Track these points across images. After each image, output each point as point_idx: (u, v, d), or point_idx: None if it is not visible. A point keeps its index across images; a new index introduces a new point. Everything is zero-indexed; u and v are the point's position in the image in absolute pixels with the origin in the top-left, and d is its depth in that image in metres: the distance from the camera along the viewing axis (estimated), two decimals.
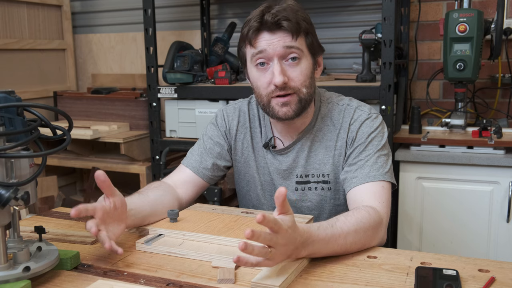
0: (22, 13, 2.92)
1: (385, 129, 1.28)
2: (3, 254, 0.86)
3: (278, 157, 1.33)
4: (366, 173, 1.19)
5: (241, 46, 1.25)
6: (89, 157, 2.90)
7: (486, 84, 2.38)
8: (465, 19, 1.98)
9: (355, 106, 1.29)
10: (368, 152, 1.23)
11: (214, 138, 1.39)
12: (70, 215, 0.93)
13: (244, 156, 1.38)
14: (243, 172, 1.39)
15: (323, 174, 1.29)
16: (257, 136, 1.37)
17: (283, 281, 0.85)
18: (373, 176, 1.18)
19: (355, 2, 2.58)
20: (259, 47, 1.18)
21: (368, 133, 1.25)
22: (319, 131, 1.30)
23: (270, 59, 1.18)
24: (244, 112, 1.39)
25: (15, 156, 0.85)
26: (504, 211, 1.92)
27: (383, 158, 1.22)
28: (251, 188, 1.39)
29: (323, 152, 1.29)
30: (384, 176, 1.19)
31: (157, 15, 2.48)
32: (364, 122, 1.26)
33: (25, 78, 2.96)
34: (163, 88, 2.42)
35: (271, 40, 1.17)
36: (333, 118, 1.29)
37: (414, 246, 2.07)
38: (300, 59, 1.19)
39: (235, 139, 1.38)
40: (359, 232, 1.02)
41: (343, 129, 1.27)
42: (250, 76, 1.26)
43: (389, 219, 1.18)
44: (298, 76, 1.19)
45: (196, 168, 1.36)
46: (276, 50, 1.17)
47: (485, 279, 0.88)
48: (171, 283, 0.89)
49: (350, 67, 2.52)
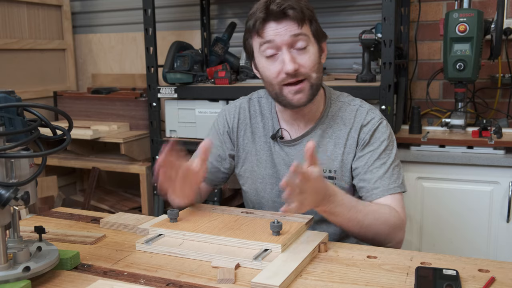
0: (22, 13, 2.92)
1: (392, 133, 1.32)
2: (3, 254, 0.86)
3: (285, 148, 1.34)
4: (386, 185, 1.24)
5: (247, 38, 1.27)
6: (89, 157, 2.90)
7: (486, 84, 2.38)
8: (465, 19, 1.98)
9: (367, 108, 1.32)
10: (383, 161, 1.26)
11: (214, 142, 1.41)
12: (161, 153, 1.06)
13: (245, 151, 1.39)
14: (244, 168, 1.40)
15: (330, 170, 1.30)
16: (259, 131, 1.38)
17: (283, 281, 0.85)
18: (393, 188, 1.24)
19: (355, 2, 2.58)
20: (267, 37, 1.20)
21: (381, 140, 1.28)
22: (329, 128, 1.32)
23: (279, 48, 1.21)
24: (244, 109, 1.40)
25: (15, 156, 0.85)
26: (504, 211, 1.92)
27: (398, 169, 1.28)
28: (250, 183, 1.40)
29: (332, 149, 1.30)
30: (401, 187, 1.26)
31: (157, 15, 2.48)
32: (377, 128, 1.29)
33: (25, 78, 2.96)
34: (163, 88, 2.42)
35: (278, 29, 1.20)
36: (344, 117, 1.32)
37: (414, 246, 2.07)
38: (307, 46, 1.22)
39: (237, 137, 1.40)
40: (379, 219, 1.15)
41: (354, 128, 1.29)
42: (259, 67, 1.28)
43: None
44: (308, 61, 1.21)
45: (210, 163, 1.38)
46: (284, 39, 1.19)
47: (485, 279, 0.88)
48: (171, 283, 0.89)
49: (350, 67, 2.52)
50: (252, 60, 1.31)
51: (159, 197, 2.47)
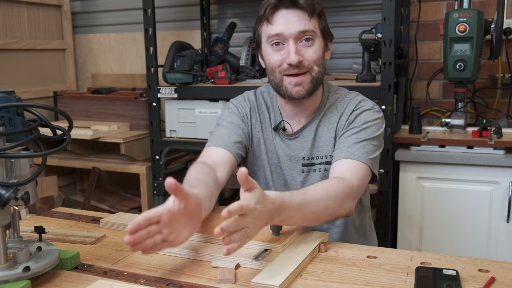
0: (22, 13, 2.92)
1: (382, 124, 1.32)
2: (3, 254, 0.86)
3: (286, 141, 1.36)
4: (352, 152, 1.23)
5: (258, 27, 1.30)
6: (89, 157, 2.90)
7: (486, 84, 2.38)
8: (465, 19, 1.98)
9: (361, 98, 1.35)
10: (359, 136, 1.26)
11: (234, 122, 1.37)
12: (128, 231, 0.83)
13: (256, 139, 1.40)
14: (256, 156, 1.41)
15: (326, 156, 1.33)
16: (266, 121, 1.40)
17: (283, 281, 0.85)
18: (357, 156, 1.22)
19: (355, 2, 2.58)
20: (276, 24, 1.23)
21: (365, 121, 1.29)
22: (324, 116, 1.35)
23: (286, 39, 1.23)
24: (252, 101, 1.42)
25: (15, 156, 0.85)
26: (504, 211, 1.92)
27: (372, 147, 1.26)
28: (261, 172, 1.41)
29: (325, 134, 1.33)
30: (368, 161, 1.23)
31: (157, 15, 2.48)
32: (365, 111, 1.30)
33: (25, 78, 2.95)
34: (163, 88, 2.42)
35: (288, 17, 1.22)
36: (338, 106, 1.35)
37: (414, 246, 2.07)
38: (314, 40, 1.25)
39: (250, 123, 1.41)
40: (330, 199, 1.09)
41: (345, 113, 1.32)
42: (264, 54, 1.30)
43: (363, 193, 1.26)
44: (312, 54, 1.25)
45: (227, 146, 1.31)
46: (292, 33, 1.22)
47: (485, 279, 0.88)
48: (171, 283, 0.89)
49: (350, 67, 2.52)
50: (259, 49, 1.33)
51: (159, 197, 2.47)
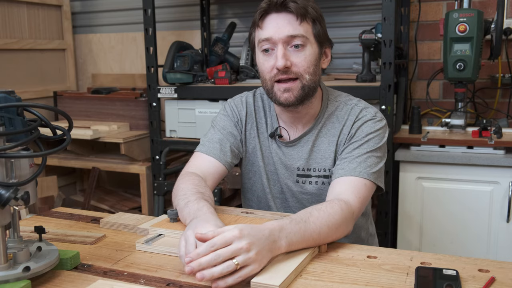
0: (22, 13, 2.92)
1: (385, 134, 1.29)
2: (3, 254, 0.86)
3: (283, 148, 1.34)
4: (353, 167, 1.20)
5: (251, 32, 1.28)
6: (89, 157, 2.90)
7: (486, 84, 2.38)
8: (465, 19, 1.98)
9: (362, 107, 1.30)
10: (361, 150, 1.24)
11: (227, 129, 1.37)
12: (187, 272, 0.85)
13: (252, 145, 1.38)
14: (251, 162, 1.39)
15: (325, 169, 1.30)
16: (262, 126, 1.38)
17: (283, 281, 0.85)
18: (359, 172, 1.19)
19: (355, 2, 2.58)
20: (266, 29, 1.21)
21: (366, 133, 1.26)
22: (324, 127, 1.31)
23: (275, 44, 1.21)
24: (250, 104, 1.40)
25: (15, 156, 0.85)
26: (504, 211, 1.92)
27: (374, 159, 1.23)
28: (257, 178, 1.39)
29: (325, 147, 1.30)
30: (370, 175, 1.20)
31: (157, 15, 2.48)
32: (366, 122, 1.27)
33: (25, 78, 2.96)
34: (163, 88, 2.42)
35: (277, 21, 1.20)
36: (339, 116, 1.31)
37: (414, 246, 2.07)
38: (305, 46, 1.21)
39: (245, 129, 1.39)
40: (332, 228, 1.04)
41: (346, 126, 1.29)
42: (257, 60, 1.29)
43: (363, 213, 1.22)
44: (302, 62, 1.21)
45: (218, 156, 1.31)
46: (280, 37, 1.19)
47: (485, 279, 0.88)
48: (171, 283, 0.89)
49: (350, 67, 2.52)
50: (253, 53, 1.32)
51: (159, 197, 2.47)
